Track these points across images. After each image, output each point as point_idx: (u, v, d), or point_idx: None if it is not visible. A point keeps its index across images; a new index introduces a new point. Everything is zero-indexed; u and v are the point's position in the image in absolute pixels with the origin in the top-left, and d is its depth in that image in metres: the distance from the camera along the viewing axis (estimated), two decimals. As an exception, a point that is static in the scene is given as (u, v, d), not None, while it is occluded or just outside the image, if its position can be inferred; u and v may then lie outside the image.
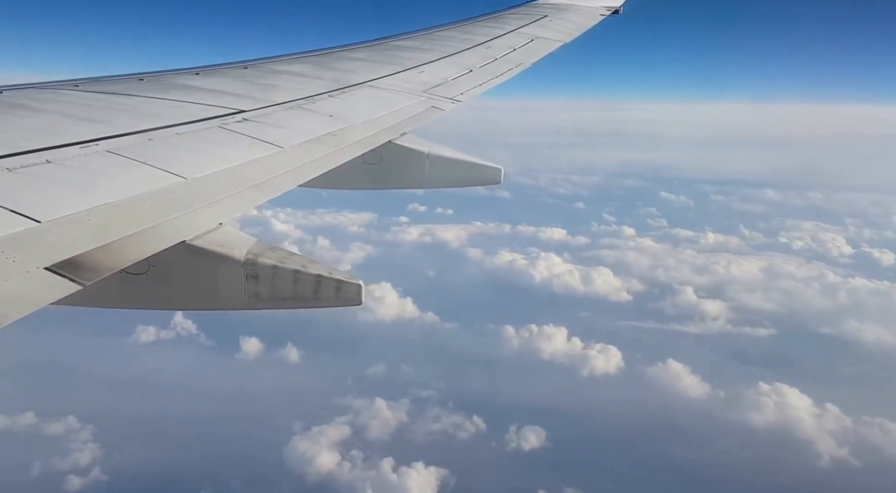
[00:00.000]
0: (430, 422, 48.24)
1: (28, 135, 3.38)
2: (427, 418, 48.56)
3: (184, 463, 42.58)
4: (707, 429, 47.92)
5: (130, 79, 5.20)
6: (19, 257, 2.27)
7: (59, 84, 4.66)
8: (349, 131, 4.80)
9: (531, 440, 46.46)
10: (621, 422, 48.13)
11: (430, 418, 48.55)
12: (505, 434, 46.88)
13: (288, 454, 44.12)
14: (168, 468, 42.01)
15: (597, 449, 45.29)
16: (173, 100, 4.62)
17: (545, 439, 46.51)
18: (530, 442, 46.31)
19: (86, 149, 3.34)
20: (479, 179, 5.78)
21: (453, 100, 6.37)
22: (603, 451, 45.10)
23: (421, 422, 48.23)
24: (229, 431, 45.73)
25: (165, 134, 3.85)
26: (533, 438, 46.57)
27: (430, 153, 5.46)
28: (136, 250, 2.65)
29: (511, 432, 46.96)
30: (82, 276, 2.33)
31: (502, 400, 50.15)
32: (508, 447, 46.04)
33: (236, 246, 3.10)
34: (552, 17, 10.92)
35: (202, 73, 5.63)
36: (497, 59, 8.20)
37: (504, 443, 46.38)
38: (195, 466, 42.41)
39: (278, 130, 4.39)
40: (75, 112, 3.97)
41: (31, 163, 3.01)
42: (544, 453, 45.58)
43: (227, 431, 45.71)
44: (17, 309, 2.08)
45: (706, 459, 44.24)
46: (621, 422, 48.13)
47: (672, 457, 44.59)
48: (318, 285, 3.13)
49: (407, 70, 7.01)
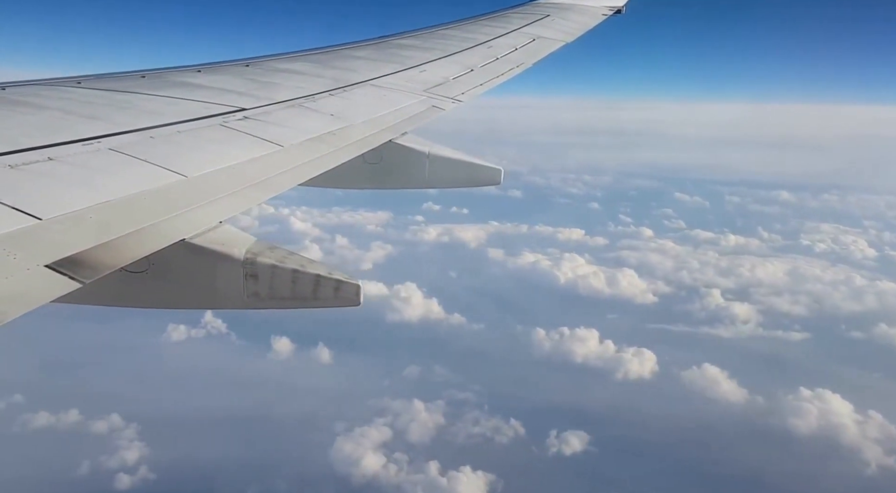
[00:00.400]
0: (469, 425, 47.87)
1: (30, 132, 3.40)
2: (465, 421, 48.22)
3: (228, 462, 42.54)
4: (749, 435, 47.02)
5: (132, 76, 5.22)
6: (20, 254, 2.29)
7: (61, 81, 4.67)
8: (350, 130, 4.82)
9: (573, 444, 45.93)
10: (661, 427, 47.30)
11: (469, 421, 48.23)
12: (545, 439, 46.29)
13: (333, 455, 43.94)
14: (213, 468, 41.99)
15: (639, 455, 44.67)
16: (174, 97, 4.64)
17: (587, 444, 45.85)
18: (572, 447, 45.77)
19: (88, 146, 3.36)
20: (479, 180, 5.79)
21: (454, 99, 6.38)
22: (645, 457, 44.42)
23: (460, 425, 47.85)
24: (272, 430, 45.67)
25: (167, 132, 3.87)
26: (575, 443, 46.02)
27: (431, 153, 5.47)
28: (136, 248, 2.66)
29: (551, 436, 46.40)
30: (82, 274, 2.34)
31: (538, 403, 49.73)
32: (549, 452, 45.50)
33: (236, 245, 3.11)
34: (554, 17, 10.91)
35: (204, 71, 5.64)
36: (498, 59, 8.19)
37: (545, 448, 45.80)
38: (239, 465, 42.38)
39: (279, 129, 4.41)
40: (77, 109, 3.98)
41: (33, 160, 3.02)
42: (587, 458, 45.04)
43: (270, 430, 45.65)
44: (17, 307, 2.09)
45: (751, 465, 43.45)
46: (661, 427, 47.30)
47: (716, 462, 43.71)
48: (317, 284, 3.14)
49: (408, 69, 7.01)
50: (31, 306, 2.14)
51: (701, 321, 66.50)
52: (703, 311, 68.26)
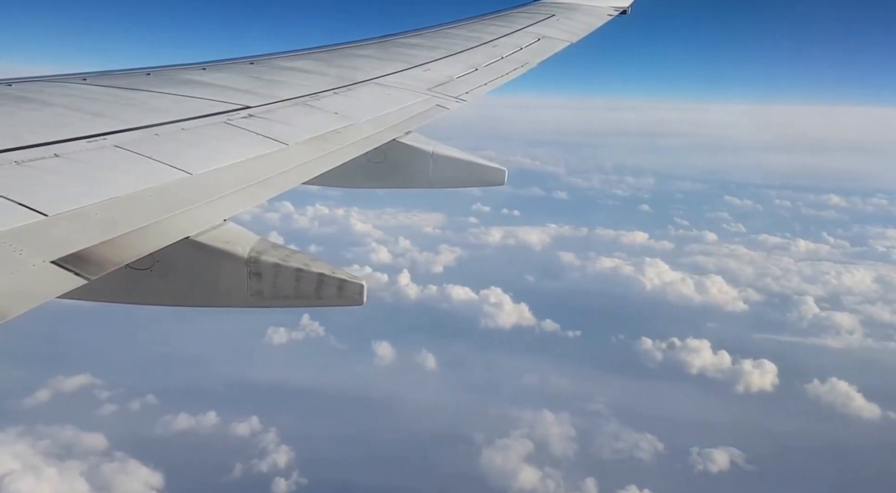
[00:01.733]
0: (609, 440, 46.34)
1: (36, 128, 3.41)
2: (603, 434, 46.69)
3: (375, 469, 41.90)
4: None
5: (137, 73, 5.23)
6: (26, 250, 2.30)
7: (67, 78, 4.69)
8: (354, 129, 4.82)
9: (718, 461, 43.79)
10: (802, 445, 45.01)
11: (608, 435, 46.70)
12: (687, 456, 44.42)
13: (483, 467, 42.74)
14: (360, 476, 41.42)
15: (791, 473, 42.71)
16: (179, 95, 4.65)
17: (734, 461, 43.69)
18: (718, 464, 43.66)
19: (93, 143, 3.37)
20: (483, 180, 5.79)
21: (458, 99, 6.38)
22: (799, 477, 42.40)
23: (600, 439, 46.36)
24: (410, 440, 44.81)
25: (171, 129, 3.88)
26: (720, 459, 43.86)
27: (435, 153, 5.47)
28: (140, 245, 2.67)
29: (693, 453, 44.48)
30: (88, 270, 2.35)
31: (665, 416, 48.01)
32: (695, 470, 43.60)
33: (239, 243, 3.12)
34: (560, 17, 10.89)
35: (208, 68, 5.65)
36: (503, 58, 8.19)
37: (689, 465, 43.89)
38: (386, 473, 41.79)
39: (283, 127, 4.42)
40: (83, 106, 3.99)
41: (39, 156, 3.04)
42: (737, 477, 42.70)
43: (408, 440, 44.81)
44: (22, 303, 2.10)
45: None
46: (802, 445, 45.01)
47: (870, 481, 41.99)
48: (321, 283, 3.14)
49: (413, 68, 7.01)
50: (37, 302, 2.15)
51: (805, 331, 64.25)
52: (803, 320, 66.21)
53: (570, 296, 69.88)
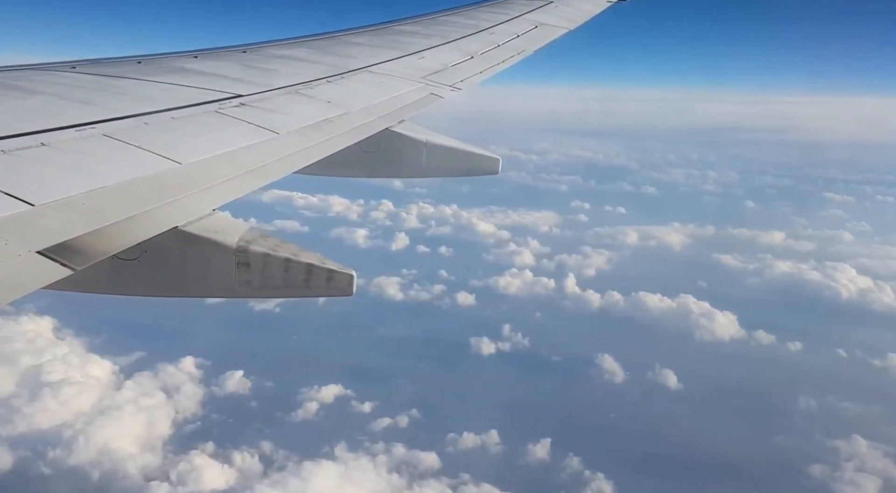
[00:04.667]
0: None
1: (24, 117, 3.38)
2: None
3: None
4: None
5: (128, 61, 5.19)
6: (12, 240, 2.29)
7: (55, 66, 4.65)
8: (346, 118, 4.79)
9: None
10: None
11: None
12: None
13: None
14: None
15: None
16: (170, 83, 4.61)
17: None
18: None
19: (81, 132, 3.34)
20: (477, 170, 5.76)
21: (453, 87, 6.34)
22: None
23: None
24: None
25: (161, 118, 3.85)
26: None
27: (428, 142, 5.44)
28: (128, 235, 2.66)
29: None
30: (75, 260, 2.35)
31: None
32: None
33: (228, 233, 3.10)
34: (558, 4, 10.80)
35: (200, 57, 5.61)
36: (499, 46, 8.13)
37: None
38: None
39: (275, 116, 4.39)
40: (72, 94, 3.96)
41: (27, 145, 3.01)
42: None
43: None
44: (8, 293, 2.10)
45: None
46: None
47: None
48: (309, 274, 3.13)
49: (407, 56, 6.96)
50: (22, 292, 2.15)
51: None
52: None
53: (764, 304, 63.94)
